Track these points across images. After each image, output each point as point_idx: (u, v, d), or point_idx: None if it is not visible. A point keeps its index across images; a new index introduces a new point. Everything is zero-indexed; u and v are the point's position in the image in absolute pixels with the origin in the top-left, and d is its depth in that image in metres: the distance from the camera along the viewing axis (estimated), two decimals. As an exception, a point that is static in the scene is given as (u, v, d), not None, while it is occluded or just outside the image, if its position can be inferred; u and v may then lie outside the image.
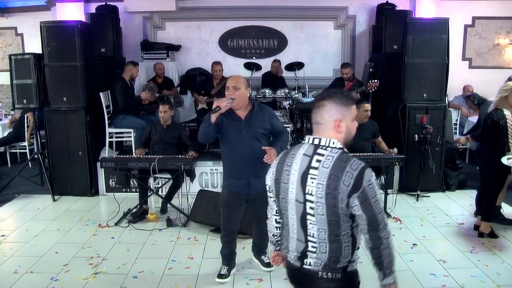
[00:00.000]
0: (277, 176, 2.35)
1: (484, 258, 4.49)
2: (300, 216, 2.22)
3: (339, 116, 2.21)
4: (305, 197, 2.17)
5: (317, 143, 2.21)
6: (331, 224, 2.14)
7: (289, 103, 7.79)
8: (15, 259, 4.62)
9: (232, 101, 3.68)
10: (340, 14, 9.65)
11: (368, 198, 2.09)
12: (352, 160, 2.12)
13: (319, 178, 2.12)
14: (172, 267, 4.44)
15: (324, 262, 2.19)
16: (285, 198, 2.29)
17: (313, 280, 2.23)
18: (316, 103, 2.26)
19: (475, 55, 9.76)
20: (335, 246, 2.17)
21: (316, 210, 2.15)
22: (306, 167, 2.18)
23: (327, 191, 2.10)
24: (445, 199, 6.40)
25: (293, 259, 2.30)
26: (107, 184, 6.80)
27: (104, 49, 7.72)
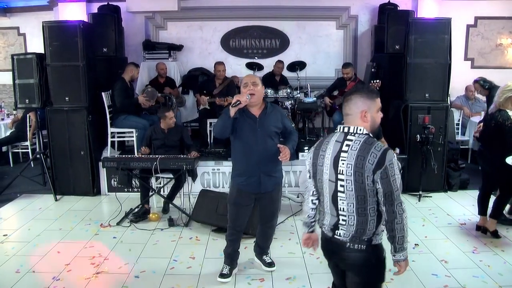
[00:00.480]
0: (314, 161, 2.70)
1: (486, 259, 4.49)
2: (332, 194, 2.58)
3: (365, 108, 2.55)
4: (337, 176, 2.52)
5: (346, 131, 2.57)
6: (359, 199, 2.48)
7: (291, 103, 7.79)
8: (17, 259, 4.62)
9: (251, 97, 3.76)
10: (342, 14, 9.65)
11: (388, 176, 2.41)
12: (376, 143, 2.48)
13: (348, 159, 2.47)
14: (174, 266, 4.44)
15: (352, 234, 2.52)
16: (321, 179, 2.64)
17: (342, 250, 2.57)
18: (346, 98, 2.62)
19: (478, 55, 9.74)
20: (362, 219, 2.50)
21: (346, 187, 2.49)
22: (338, 151, 2.53)
23: (355, 170, 2.44)
24: (447, 199, 6.39)
25: (327, 230, 2.66)
26: (109, 183, 6.81)
27: (106, 49, 7.72)
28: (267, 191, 3.98)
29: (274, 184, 4.04)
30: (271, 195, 4.06)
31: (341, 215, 2.55)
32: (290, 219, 5.71)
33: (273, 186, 4.04)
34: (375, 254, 2.55)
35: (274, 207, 4.17)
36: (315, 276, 4.20)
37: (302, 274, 4.26)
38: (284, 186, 6.60)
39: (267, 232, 4.31)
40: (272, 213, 4.19)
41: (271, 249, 4.67)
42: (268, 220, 4.21)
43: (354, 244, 2.52)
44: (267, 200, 4.06)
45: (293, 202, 6.34)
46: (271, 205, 4.12)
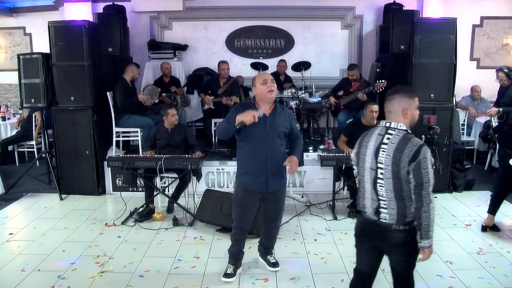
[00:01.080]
0: (357, 150, 3.07)
1: (492, 260, 4.47)
2: (372, 181, 2.91)
3: (406, 106, 2.88)
4: (377, 165, 2.86)
5: (388, 125, 2.90)
6: (395, 186, 2.79)
7: (295, 103, 7.78)
8: (22, 257, 4.65)
9: (272, 93, 3.84)
10: (347, 14, 9.64)
11: (420, 168, 2.68)
12: (414, 139, 2.77)
13: (387, 151, 2.80)
14: (178, 266, 4.45)
15: (396, 217, 2.81)
16: (363, 166, 2.99)
17: (387, 231, 2.85)
18: (388, 97, 2.96)
19: (483, 55, 9.70)
20: (400, 204, 2.80)
21: (385, 175, 2.82)
22: (379, 143, 2.87)
23: (393, 161, 2.77)
24: (452, 200, 6.37)
25: (370, 214, 2.95)
26: (114, 183, 6.83)
27: (112, 49, 7.73)
28: (273, 190, 3.98)
29: (280, 184, 4.05)
30: (276, 195, 4.06)
31: (381, 200, 2.87)
32: (294, 219, 5.71)
33: (279, 186, 4.04)
34: (414, 233, 2.79)
35: (279, 207, 4.18)
36: (319, 276, 4.20)
37: (306, 274, 4.26)
38: (288, 186, 6.61)
39: (271, 232, 4.31)
40: (276, 213, 4.20)
41: (275, 249, 4.67)
42: (272, 220, 4.21)
43: (399, 225, 2.81)
44: (273, 200, 4.06)
45: (297, 202, 6.33)
46: (276, 205, 4.13)
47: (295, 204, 6.29)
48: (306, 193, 6.57)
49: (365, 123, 6.00)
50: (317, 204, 6.20)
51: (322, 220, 5.68)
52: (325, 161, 5.69)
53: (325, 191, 6.51)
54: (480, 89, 8.51)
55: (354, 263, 3.77)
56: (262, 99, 3.88)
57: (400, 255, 2.90)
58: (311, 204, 6.21)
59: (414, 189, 2.71)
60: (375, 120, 5.96)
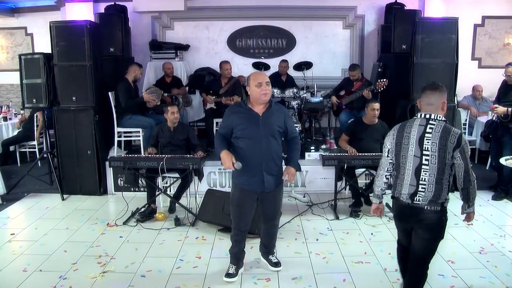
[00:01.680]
0: (397, 141, 3.36)
1: (493, 259, 4.46)
2: (416, 167, 3.23)
3: (444, 100, 3.28)
4: (422, 152, 3.19)
5: (428, 117, 3.23)
6: (439, 170, 3.16)
7: (297, 102, 7.79)
8: (24, 258, 4.65)
9: (266, 96, 3.82)
10: (349, 13, 9.64)
11: (464, 153, 3.13)
12: (454, 128, 3.18)
13: (432, 139, 3.16)
14: (180, 266, 4.45)
15: (429, 199, 3.20)
16: (405, 155, 3.29)
17: (420, 212, 3.24)
18: (429, 91, 3.27)
19: (485, 55, 9.70)
20: (438, 187, 3.19)
21: (430, 161, 3.17)
22: (422, 132, 3.20)
23: (439, 147, 3.13)
24: (454, 200, 6.26)
25: (405, 198, 3.30)
26: (116, 183, 6.83)
27: (113, 49, 7.75)
28: (271, 190, 3.97)
29: (277, 183, 4.02)
30: (274, 195, 4.05)
31: (421, 184, 3.22)
32: (296, 219, 5.70)
33: (276, 185, 4.02)
34: (445, 215, 3.28)
35: (276, 206, 4.17)
36: (321, 276, 4.19)
37: (308, 274, 4.25)
38: (290, 186, 6.62)
39: (270, 231, 4.31)
40: (274, 212, 4.19)
41: (277, 249, 4.67)
42: (270, 218, 4.20)
43: (431, 206, 3.21)
44: (270, 199, 4.05)
45: (299, 202, 6.33)
46: (273, 204, 4.12)
47: (297, 203, 6.28)
48: (308, 192, 6.56)
49: (367, 121, 6.00)
50: (319, 204, 6.19)
51: (324, 219, 5.67)
52: (327, 161, 5.68)
53: (327, 191, 6.50)
54: (481, 88, 8.51)
55: (356, 263, 4.31)
56: (255, 101, 3.86)
57: (426, 233, 3.28)
58: (313, 203, 6.21)
59: (463, 173, 3.16)
60: (376, 119, 5.97)
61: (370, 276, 4.20)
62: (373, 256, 4.61)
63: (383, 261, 4.47)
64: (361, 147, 5.90)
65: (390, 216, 5.65)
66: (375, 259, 4.54)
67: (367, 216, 5.71)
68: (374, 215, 5.11)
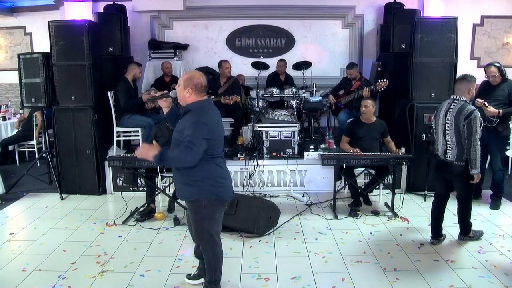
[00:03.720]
0: (434, 114, 4.82)
1: (492, 259, 4.46)
2: (443, 131, 4.62)
3: (470, 87, 4.51)
4: (446, 121, 4.57)
5: (454, 98, 4.57)
6: (456, 135, 4.47)
7: (296, 102, 7.79)
8: (23, 257, 4.64)
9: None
10: (348, 13, 9.64)
11: (471, 123, 4.32)
12: (469, 106, 4.41)
13: (452, 112, 4.50)
14: (179, 265, 4.44)
15: (457, 156, 4.51)
16: (437, 123, 4.72)
17: (451, 166, 4.58)
18: (458, 81, 4.63)
19: (484, 54, 9.70)
20: (459, 147, 4.48)
21: (450, 127, 4.53)
22: (448, 108, 4.58)
23: (455, 118, 4.44)
24: (453, 199, 6.33)
25: (440, 154, 4.70)
26: (115, 182, 6.82)
27: (112, 48, 7.74)
28: (181, 198, 3.76)
29: (182, 195, 3.60)
30: (188, 208, 3.66)
31: (448, 144, 4.57)
32: (295, 218, 5.70)
33: (182, 197, 3.63)
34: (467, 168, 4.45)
35: (192, 225, 3.65)
36: (320, 275, 4.19)
37: (307, 273, 4.25)
38: (289, 185, 6.62)
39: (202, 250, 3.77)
40: (195, 230, 3.66)
41: (276, 248, 4.68)
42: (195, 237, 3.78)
43: (458, 162, 4.51)
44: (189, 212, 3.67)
45: (298, 201, 6.33)
46: (191, 220, 3.65)
47: (296, 203, 6.28)
48: (307, 192, 6.56)
49: (364, 120, 6.02)
50: (318, 203, 6.19)
51: (323, 219, 5.67)
52: (326, 160, 5.67)
53: (326, 190, 6.52)
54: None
55: (355, 262, 4.45)
56: None
57: (459, 182, 4.62)
58: (312, 203, 6.20)
59: (466, 136, 4.37)
60: (373, 117, 5.98)
61: (369, 275, 4.20)
62: (372, 255, 4.61)
63: (382, 260, 4.47)
64: (361, 146, 5.90)
65: (389, 215, 5.67)
66: (374, 258, 4.54)
67: (366, 215, 5.72)
68: (373, 215, 5.77)
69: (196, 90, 3.48)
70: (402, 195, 6.07)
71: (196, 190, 3.45)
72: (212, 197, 3.49)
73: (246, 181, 6.59)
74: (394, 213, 5.71)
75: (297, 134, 6.78)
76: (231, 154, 6.80)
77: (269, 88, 7.96)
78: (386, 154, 5.83)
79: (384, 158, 5.65)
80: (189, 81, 3.47)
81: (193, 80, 3.48)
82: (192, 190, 3.46)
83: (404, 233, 5.18)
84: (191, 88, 3.46)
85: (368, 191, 6.07)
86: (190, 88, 3.46)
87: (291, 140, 6.74)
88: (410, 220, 5.56)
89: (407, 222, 5.51)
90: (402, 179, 6.59)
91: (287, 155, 6.72)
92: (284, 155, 6.72)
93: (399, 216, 5.67)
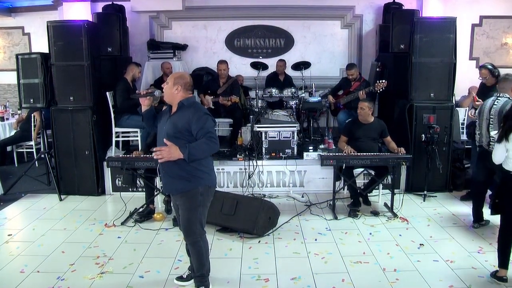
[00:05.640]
0: (479, 110, 5.28)
1: (492, 259, 4.43)
2: (487, 126, 5.08)
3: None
4: (490, 116, 5.02)
5: (497, 95, 5.04)
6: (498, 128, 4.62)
7: (295, 102, 7.78)
8: (21, 258, 4.62)
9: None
10: (347, 13, 9.64)
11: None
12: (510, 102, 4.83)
13: (496, 108, 4.95)
14: (179, 266, 4.43)
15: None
16: (482, 118, 5.17)
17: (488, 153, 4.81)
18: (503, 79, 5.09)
19: (483, 54, 9.69)
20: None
21: (494, 121, 4.96)
22: (492, 104, 5.04)
23: (499, 114, 4.83)
24: (452, 199, 6.36)
25: (484, 145, 5.13)
26: (114, 183, 6.81)
27: (111, 49, 7.72)
28: (171, 193, 3.80)
29: (176, 189, 3.68)
30: (178, 201, 3.75)
31: (491, 137, 4.97)
32: (295, 218, 5.69)
33: (175, 191, 3.71)
34: None
35: (183, 218, 3.73)
36: (320, 276, 4.18)
37: (307, 274, 4.24)
38: (288, 186, 6.61)
39: (188, 246, 3.90)
40: (181, 223, 3.78)
41: (276, 249, 4.68)
42: (182, 230, 3.85)
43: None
44: (180, 206, 3.75)
45: (297, 202, 6.32)
46: (182, 214, 3.74)
47: (295, 203, 6.27)
48: (306, 192, 6.56)
49: (362, 120, 6.01)
50: (318, 204, 6.18)
51: (323, 219, 5.66)
52: (325, 161, 5.66)
53: (325, 191, 6.51)
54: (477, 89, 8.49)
55: (355, 263, 4.43)
56: None
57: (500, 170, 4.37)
58: (311, 203, 6.19)
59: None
60: (371, 118, 5.97)
61: (368, 276, 4.19)
62: (371, 256, 4.60)
63: (381, 261, 4.47)
64: (359, 146, 5.89)
65: (388, 216, 5.66)
66: (373, 259, 4.53)
67: (365, 216, 5.71)
68: (372, 215, 5.76)
69: (185, 87, 3.69)
70: (402, 196, 6.07)
71: (193, 180, 3.62)
72: (207, 185, 3.72)
73: (245, 182, 6.57)
74: (394, 214, 5.70)
75: (296, 135, 6.77)
76: (230, 155, 6.79)
77: (268, 88, 7.97)
78: (386, 154, 5.82)
79: (384, 158, 5.64)
80: (179, 79, 3.70)
81: (183, 78, 3.72)
82: (188, 182, 3.61)
83: (403, 233, 5.17)
84: (180, 85, 3.67)
85: (368, 191, 6.06)
86: (179, 85, 3.67)
87: (290, 141, 6.72)
88: (409, 220, 5.55)
89: (407, 223, 5.50)
90: (401, 179, 6.58)
91: (286, 155, 6.71)
92: (283, 155, 6.71)
93: (399, 216, 5.66)
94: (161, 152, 3.43)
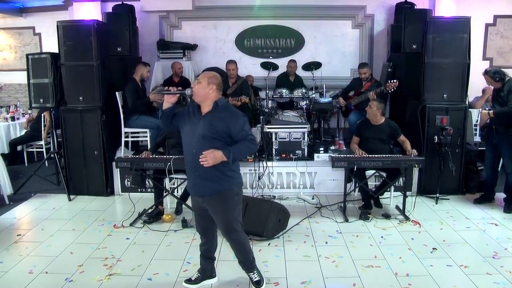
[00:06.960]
0: None
1: (508, 264, 4.36)
2: None
3: None
4: None
5: None
6: None
7: (306, 103, 7.72)
8: (30, 259, 4.61)
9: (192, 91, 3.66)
10: (358, 13, 9.56)
11: None
12: None
13: None
14: (187, 269, 4.38)
15: None
16: None
17: None
18: None
19: (496, 54, 9.59)
20: None
21: None
22: None
23: None
24: (465, 202, 6.26)
25: None
26: (123, 184, 6.79)
27: (121, 49, 7.71)
28: (202, 195, 3.70)
29: (211, 190, 3.65)
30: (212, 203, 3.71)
31: None
32: (305, 221, 5.63)
33: (210, 192, 3.66)
34: None
35: (218, 219, 3.76)
36: (330, 280, 4.12)
37: (317, 278, 4.17)
38: (299, 187, 6.55)
39: (231, 244, 3.96)
40: (220, 224, 3.80)
41: (286, 252, 4.61)
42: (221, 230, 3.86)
43: None
44: (211, 208, 3.73)
45: (308, 204, 6.26)
46: (215, 216, 3.75)
47: (306, 205, 6.21)
48: (317, 194, 6.49)
49: (372, 121, 5.94)
50: (328, 206, 6.11)
51: (333, 222, 5.60)
52: (336, 162, 5.59)
53: (336, 193, 6.44)
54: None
55: (366, 267, 4.29)
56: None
57: None
58: (321, 205, 6.13)
59: None
60: (381, 119, 5.91)
61: (380, 280, 4.12)
62: (383, 260, 4.53)
63: (393, 265, 4.39)
64: (369, 148, 5.83)
65: (400, 219, 5.58)
66: (385, 263, 4.45)
67: (376, 218, 5.63)
68: (384, 218, 5.62)
69: (218, 88, 3.69)
70: (414, 198, 5.99)
71: (229, 180, 3.70)
72: (240, 184, 3.86)
73: (255, 183, 6.52)
74: (406, 216, 5.61)
75: (306, 136, 6.72)
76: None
77: (279, 88, 7.92)
78: (398, 156, 5.73)
79: (396, 160, 5.56)
80: (213, 79, 3.67)
81: (217, 78, 3.71)
82: (223, 183, 3.67)
83: (416, 237, 5.08)
84: (215, 85, 3.65)
85: (379, 193, 5.98)
86: (214, 85, 3.65)
87: (300, 142, 6.66)
88: (422, 224, 5.46)
89: (419, 226, 5.41)
90: (413, 181, 6.50)
91: (296, 156, 6.66)
92: (293, 156, 6.66)
93: (411, 219, 5.57)
94: (207, 158, 3.45)
